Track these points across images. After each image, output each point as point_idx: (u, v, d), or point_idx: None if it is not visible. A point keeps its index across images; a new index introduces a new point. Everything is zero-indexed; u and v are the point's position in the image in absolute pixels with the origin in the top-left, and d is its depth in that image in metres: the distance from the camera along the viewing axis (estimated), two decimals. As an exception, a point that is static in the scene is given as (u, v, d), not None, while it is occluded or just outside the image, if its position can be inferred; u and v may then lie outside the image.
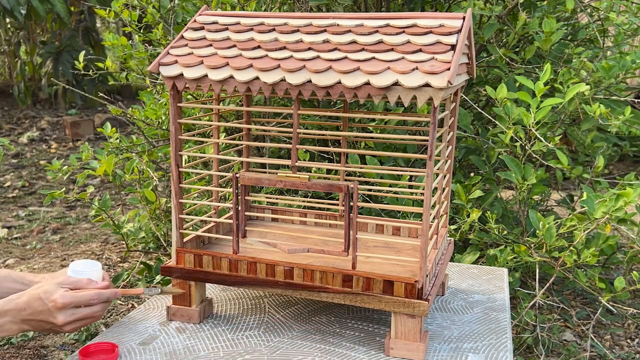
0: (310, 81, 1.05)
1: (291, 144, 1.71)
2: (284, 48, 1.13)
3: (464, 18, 1.12)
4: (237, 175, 1.15)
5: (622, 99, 2.20)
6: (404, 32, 1.11)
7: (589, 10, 2.24)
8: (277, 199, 1.30)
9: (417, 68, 1.02)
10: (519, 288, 2.11)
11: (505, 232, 1.96)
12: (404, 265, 1.19)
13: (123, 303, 2.47)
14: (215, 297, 1.38)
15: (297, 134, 1.14)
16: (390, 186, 1.96)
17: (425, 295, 1.08)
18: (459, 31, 1.09)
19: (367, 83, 1.02)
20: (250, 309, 1.32)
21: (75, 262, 1.19)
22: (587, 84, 1.95)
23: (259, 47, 1.15)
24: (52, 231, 3.49)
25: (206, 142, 2.12)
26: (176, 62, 1.15)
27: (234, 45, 1.16)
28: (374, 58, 1.06)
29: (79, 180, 2.21)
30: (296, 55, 1.10)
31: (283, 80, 1.07)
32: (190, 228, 1.29)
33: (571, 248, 1.76)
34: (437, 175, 1.20)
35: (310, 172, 2.00)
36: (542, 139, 1.84)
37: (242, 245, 1.25)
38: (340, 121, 1.82)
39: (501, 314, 1.32)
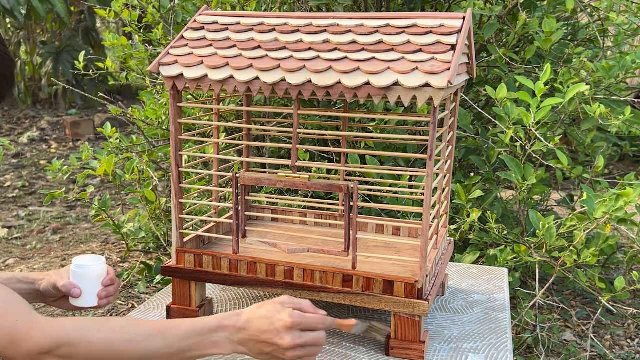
0: (310, 81, 1.05)
1: (291, 144, 1.71)
2: (284, 48, 1.13)
3: (464, 18, 1.12)
4: (237, 175, 1.15)
5: (622, 99, 2.20)
6: (404, 32, 1.11)
7: (589, 10, 2.24)
8: (277, 199, 1.30)
9: (417, 68, 1.02)
10: (519, 288, 2.11)
11: (505, 232, 1.96)
12: (404, 265, 1.19)
13: (123, 303, 2.47)
14: (215, 297, 1.38)
15: (297, 134, 1.14)
16: (390, 186, 1.96)
17: (425, 295, 1.08)
18: (459, 31, 1.09)
19: (367, 83, 1.02)
20: (250, 309, 1.32)
21: (78, 257, 1.17)
22: (587, 84, 1.95)
23: (259, 47, 1.15)
24: (52, 231, 3.49)
25: (206, 142, 2.12)
26: (176, 62, 1.15)
27: (234, 45, 1.16)
28: (374, 58, 1.06)
29: (79, 180, 2.21)
30: (296, 55, 1.10)
31: (283, 80, 1.07)
32: (190, 228, 1.29)
33: (571, 248, 1.76)
34: (437, 175, 1.20)
35: (310, 172, 2.00)
36: (542, 139, 1.84)
37: (242, 245, 1.25)
38: (340, 121, 1.82)
39: (501, 314, 1.32)
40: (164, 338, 0.91)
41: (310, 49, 1.12)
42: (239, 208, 1.17)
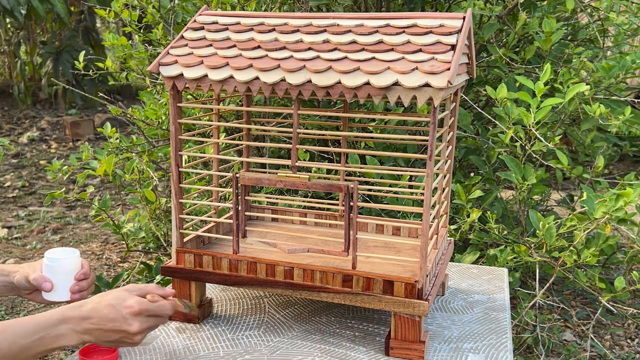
0: (310, 81, 1.05)
1: (291, 144, 1.71)
2: (284, 48, 1.13)
3: (464, 18, 1.12)
4: (237, 175, 1.15)
5: (622, 99, 2.20)
6: (404, 32, 1.11)
7: (589, 10, 2.24)
8: (277, 199, 1.30)
9: (417, 68, 1.02)
10: (519, 288, 2.11)
11: (505, 232, 1.96)
12: (404, 265, 1.19)
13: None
14: (215, 297, 1.38)
15: (297, 134, 1.14)
16: (390, 186, 1.96)
17: (425, 295, 1.08)
18: (459, 31, 1.09)
19: (367, 83, 1.02)
20: (250, 309, 1.32)
21: (51, 250, 1.15)
22: (587, 84, 1.95)
23: (259, 47, 1.15)
24: (52, 231, 3.49)
25: (206, 142, 2.12)
26: (176, 62, 1.15)
27: (234, 45, 1.16)
28: (374, 58, 1.06)
29: (79, 180, 2.21)
30: (296, 55, 1.10)
31: (283, 80, 1.07)
32: (190, 228, 1.28)
33: (571, 248, 1.76)
34: (437, 175, 1.20)
35: (310, 172, 2.00)
36: (542, 139, 1.84)
37: (242, 245, 1.25)
38: (340, 121, 1.82)
39: (501, 314, 1.32)
40: (5, 338, 0.92)
41: (310, 49, 1.12)
42: (239, 208, 1.17)
